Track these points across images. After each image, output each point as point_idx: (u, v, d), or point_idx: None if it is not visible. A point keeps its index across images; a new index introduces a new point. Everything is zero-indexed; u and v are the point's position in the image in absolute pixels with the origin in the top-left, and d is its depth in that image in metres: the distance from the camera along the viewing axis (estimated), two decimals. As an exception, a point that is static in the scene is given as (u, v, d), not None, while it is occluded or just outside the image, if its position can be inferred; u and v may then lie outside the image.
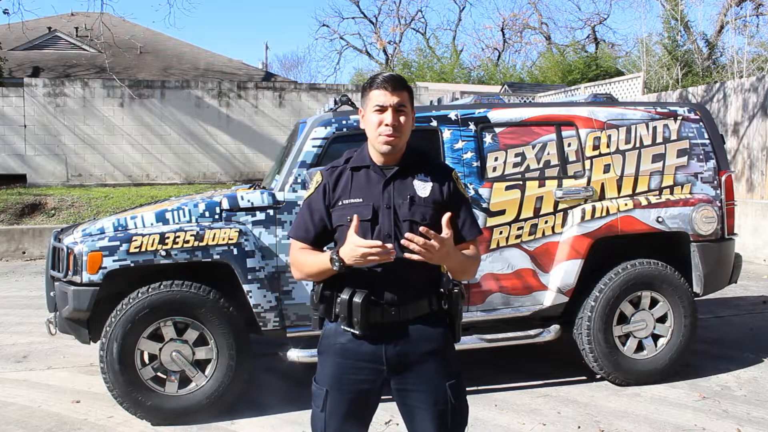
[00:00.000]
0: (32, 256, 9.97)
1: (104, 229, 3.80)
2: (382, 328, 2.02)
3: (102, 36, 12.98)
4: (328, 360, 2.09)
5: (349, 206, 2.05)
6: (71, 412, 3.94)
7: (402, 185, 2.06)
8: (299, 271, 2.11)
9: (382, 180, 2.06)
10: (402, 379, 2.06)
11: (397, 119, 2.02)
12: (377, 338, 2.03)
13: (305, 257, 2.08)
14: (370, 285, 2.00)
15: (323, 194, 2.09)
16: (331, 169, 2.13)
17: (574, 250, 4.14)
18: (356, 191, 2.06)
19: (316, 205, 2.10)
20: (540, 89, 16.56)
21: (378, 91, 2.03)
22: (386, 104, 2.01)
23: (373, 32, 31.47)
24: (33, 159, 13.05)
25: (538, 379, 4.37)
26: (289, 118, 13.94)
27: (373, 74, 2.16)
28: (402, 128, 2.03)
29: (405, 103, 2.04)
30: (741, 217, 8.24)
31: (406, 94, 2.05)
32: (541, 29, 30.58)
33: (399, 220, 2.02)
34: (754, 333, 5.49)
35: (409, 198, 2.04)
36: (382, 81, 2.03)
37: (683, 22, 19.08)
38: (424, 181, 2.07)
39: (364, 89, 2.08)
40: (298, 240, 2.12)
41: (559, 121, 4.28)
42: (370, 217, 2.02)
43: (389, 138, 2.01)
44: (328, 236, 2.12)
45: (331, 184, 2.10)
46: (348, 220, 2.02)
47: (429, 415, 2.04)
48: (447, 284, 2.10)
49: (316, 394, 2.10)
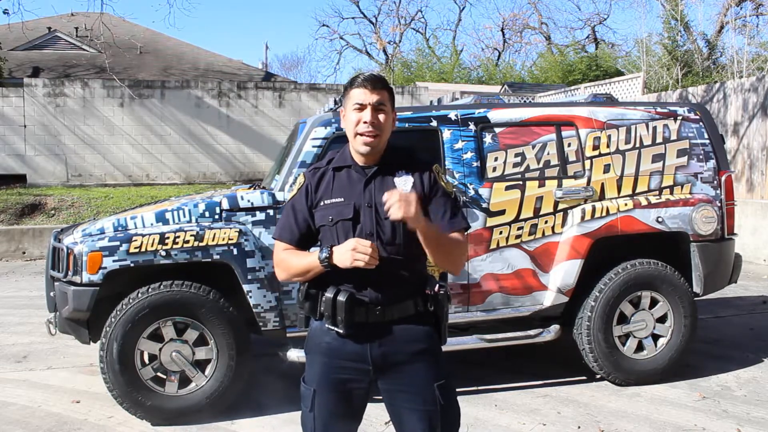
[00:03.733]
0: (32, 256, 9.97)
1: (104, 229, 3.80)
2: (366, 328, 2.02)
3: (102, 36, 12.98)
4: (314, 359, 2.10)
5: (331, 206, 2.05)
6: (71, 412, 3.94)
7: (383, 183, 2.05)
8: (284, 272, 2.11)
9: (363, 179, 2.06)
10: (388, 379, 2.05)
11: (375, 117, 2.02)
12: (362, 338, 2.02)
13: (291, 258, 2.08)
14: (355, 284, 2.01)
15: (306, 195, 2.10)
16: (314, 170, 2.14)
17: (574, 250, 4.14)
18: (337, 191, 2.07)
19: (299, 206, 2.11)
20: (540, 89, 16.56)
21: (358, 90, 2.03)
22: (365, 102, 2.02)
23: (373, 32, 31.49)
24: (33, 159, 13.05)
25: (538, 379, 4.37)
26: (289, 118, 13.94)
27: (354, 74, 2.17)
28: (381, 126, 2.03)
29: (384, 102, 2.04)
30: (741, 217, 8.23)
31: (386, 93, 2.05)
32: (541, 29, 30.61)
33: (380, 219, 2.01)
34: (754, 333, 5.49)
35: None
36: (362, 80, 2.04)
37: (683, 22, 19.07)
38: (404, 178, 2.06)
39: (345, 89, 2.09)
40: (283, 241, 2.12)
41: (559, 121, 4.28)
42: (352, 216, 2.02)
43: (367, 137, 2.01)
44: (312, 237, 2.12)
45: (313, 185, 2.10)
46: (330, 220, 2.03)
47: (417, 416, 2.03)
48: (433, 285, 2.09)
49: (304, 395, 2.10)
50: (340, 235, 2.03)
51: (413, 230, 1.94)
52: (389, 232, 2.02)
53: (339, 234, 2.03)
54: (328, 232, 2.05)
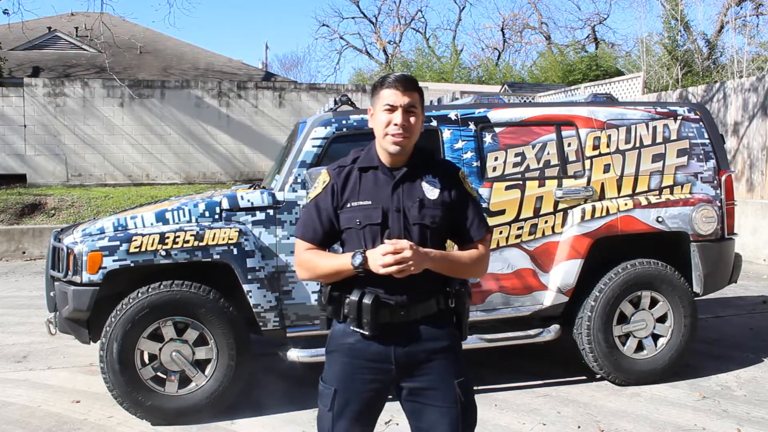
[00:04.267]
0: (32, 256, 9.97)
1: (104, 229, 3.80)
2: (390, 329, 2.01)
3: (102, 36, 12.98)
4: (336, 359, 2.08)
5: (358, 209, 2.03)
6: (71, 412, 3.94)
7: (411, 188, 2.04)
8: (309, 272, 2.07)
9: (390, 182, 2.04)
10: (410, 378, 2.04)
11: (406, 120, 2.00)
12: (386, 338, 2.02)
13: (318, 259, 2.05)
14: (380, 286, 1.99)
15: (332, 195, 2.06)
16: (339, 169, 2.10)
17: (574, 249, 4.14)
18: (365, 193, 2.04)
19: (324, 205, 2.07)
20: (540, 89, 16.56)
21: (389, 91, 2.01)
22: (396, 104, 2.00)
23: (373, 32, 31.50)
24: (33, 159, 13.05)
25: (538, 379, 4.37)
26: (289, 117, 13.93)
27: (385, 74, 2.16)
28: (411, 129, 2.02)
29: (415, 104, 2.03)
30: (741, 217, 8.24)
31: (416, 95, 2.04)
32: (541, 29, 30.62)
33: (409, 224, 2.00)
34: (754, 333, 5.49)
35: (418, 201, 2.02)
36: (393, 80, 2.01)
37: (683, 22, 19.07)
38: (432, 183, 2.05)
39: (375, 88, 2.07)
40: (305, 240, 2.08)
41: (559, 120, 4.28)
42: (380, 221, 2.00)
43: (398, 138, 2.00)
44: (335, 237, 2.10)
45: (339, 185, 2.07)
46: (357, 223, 2.01)
47: (439, 413, 2.03)
48: (454, 283, 2.09)
49: (323, 394, 2.08)
50: (367, 239, 2.00)
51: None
52: (417, 237, 2.01)
53: (366, 238, 2.01)
54: (354, 235, 2.02)
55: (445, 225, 2.05)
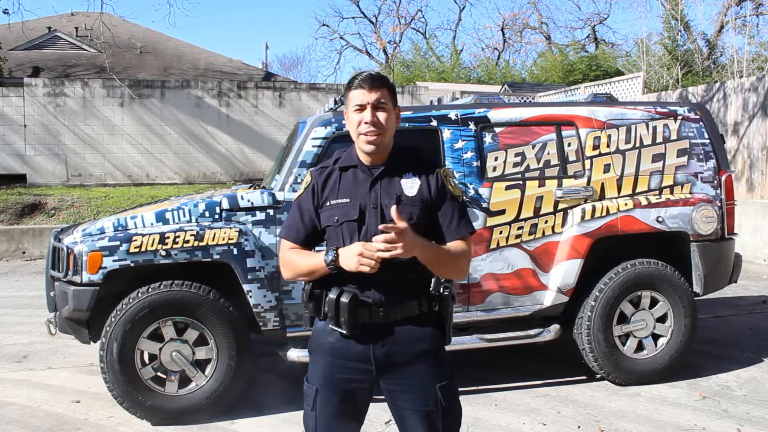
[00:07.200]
0: (32, 256, 9.97)
1: (104, 229, 3.80)
2: (370, 329, 2.01)
3: (102, 36, 12.96)
4: (318, 359, 2.10)
5: (337, 206, 2.04)
6: (71, 412, 3.94)
7: (389, 184, 2.04)
8: (290, 271, 2.10)
9: (369, 179, 2.05)
10: (391, 380, 2.05)
11: (375, 116, 2.00)
12: (365, 338, 2.02)
13: (298, 258, 2.07)
14: (359, 285, 2.00)
15: (312, 194, 2.09)
16: (321, 170, 2.13)
17: (574, 249, 4.14)
18: (343, 191, 2.06)
19: (306, 206, 2.10)
20: (540, 89, 16.56)
21: (356, 91, 2.03)
22: (364, 102, 2.00)
23: (373, 32, 31.46)
24: (33, 159, 13.06)
25: (538, 379, 4.37)
26: (289, 117, 13.94)
27: (353, 75, 2.15)
28: (382, 125, 2.01)
29: (385, 99, 2.02)
30: (741, 217, 8.24)
31: (385, 91, 2.03)
32: (541, 29, 30.60)
33: (386, 220, 1.98)
34: (754, 333, 5.49)
35: (395, 197, 2.02)
36: (359, 81, 2.03)
37: (683, 21, 19.07)
38: (411, 180, 2.05)
39: (345, 91, 2.08)
40: (289, 240, 2.11)
41: (559, 120, 4.28)
42: (357, 218, 2.01)
43: (371, 137, 2.00)
44: (318, 236, 2.11)
45: (320, 185, 2.09)
46: (335, 220, 2.02)
47: (418, 416, 2.03)
48: (438, 286, 2.07)
49: (306, 393, 2.10)
50: (345, 236, 2.02)
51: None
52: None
53: (344, 235, 2.02)
54: (333, 233, 2.04)
55: (425, 223, 2.02)
